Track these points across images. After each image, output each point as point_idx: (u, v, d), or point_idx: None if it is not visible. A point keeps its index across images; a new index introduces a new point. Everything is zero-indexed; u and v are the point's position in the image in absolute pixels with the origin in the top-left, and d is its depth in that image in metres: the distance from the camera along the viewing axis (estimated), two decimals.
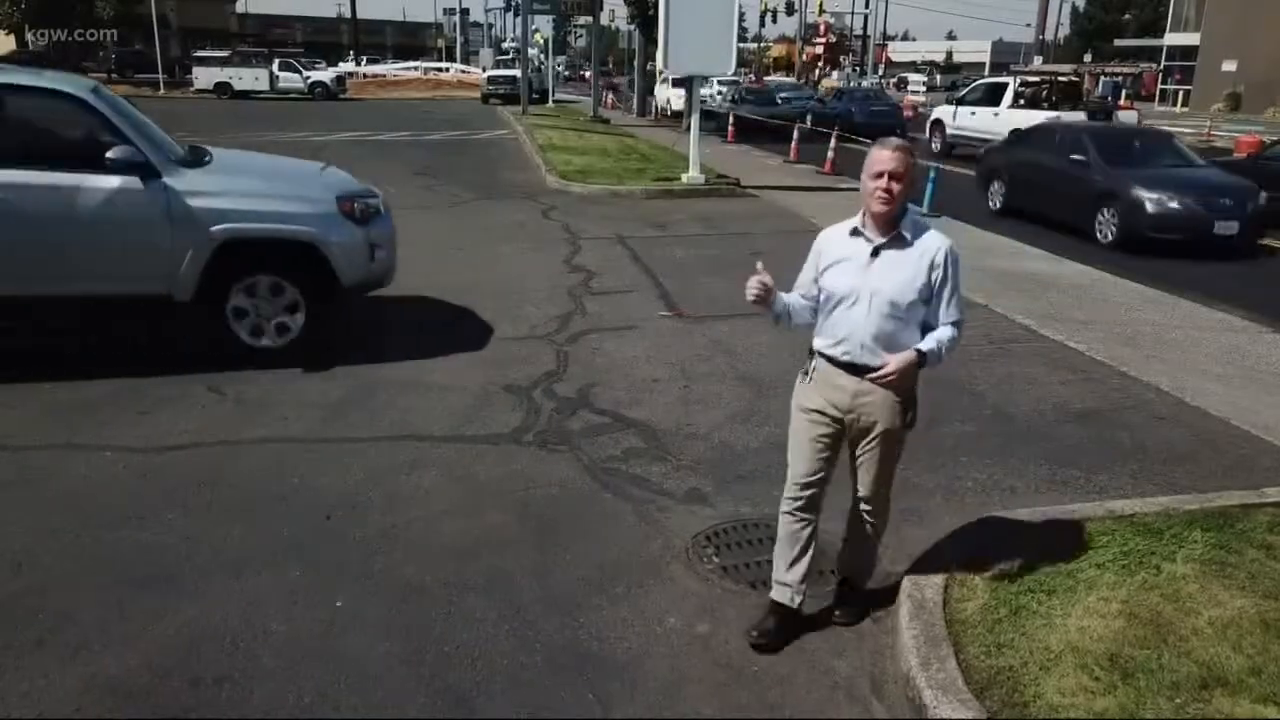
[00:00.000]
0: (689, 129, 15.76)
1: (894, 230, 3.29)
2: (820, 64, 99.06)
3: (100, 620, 3.60)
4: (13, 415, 5.53)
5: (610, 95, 43.50)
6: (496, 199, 14.46)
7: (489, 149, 21.32)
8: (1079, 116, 19.15)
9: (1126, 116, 19.46)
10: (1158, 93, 48.57)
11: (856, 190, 13.90)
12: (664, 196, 14.74)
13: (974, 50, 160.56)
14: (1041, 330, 7.82)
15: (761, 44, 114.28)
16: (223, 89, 44.44)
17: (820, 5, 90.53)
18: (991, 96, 21.49)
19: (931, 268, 3.26)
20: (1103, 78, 42.84)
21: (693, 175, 15.39)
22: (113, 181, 5.91)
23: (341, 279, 6.44)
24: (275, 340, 6.46)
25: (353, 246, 6.45)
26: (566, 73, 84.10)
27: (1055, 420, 5.87)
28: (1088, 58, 68.97)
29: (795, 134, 20.87)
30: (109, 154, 5.82)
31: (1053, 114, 19.15)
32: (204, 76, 44.68)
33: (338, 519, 4.43)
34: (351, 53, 77.29)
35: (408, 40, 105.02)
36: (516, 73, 39.91)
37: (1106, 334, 7.77)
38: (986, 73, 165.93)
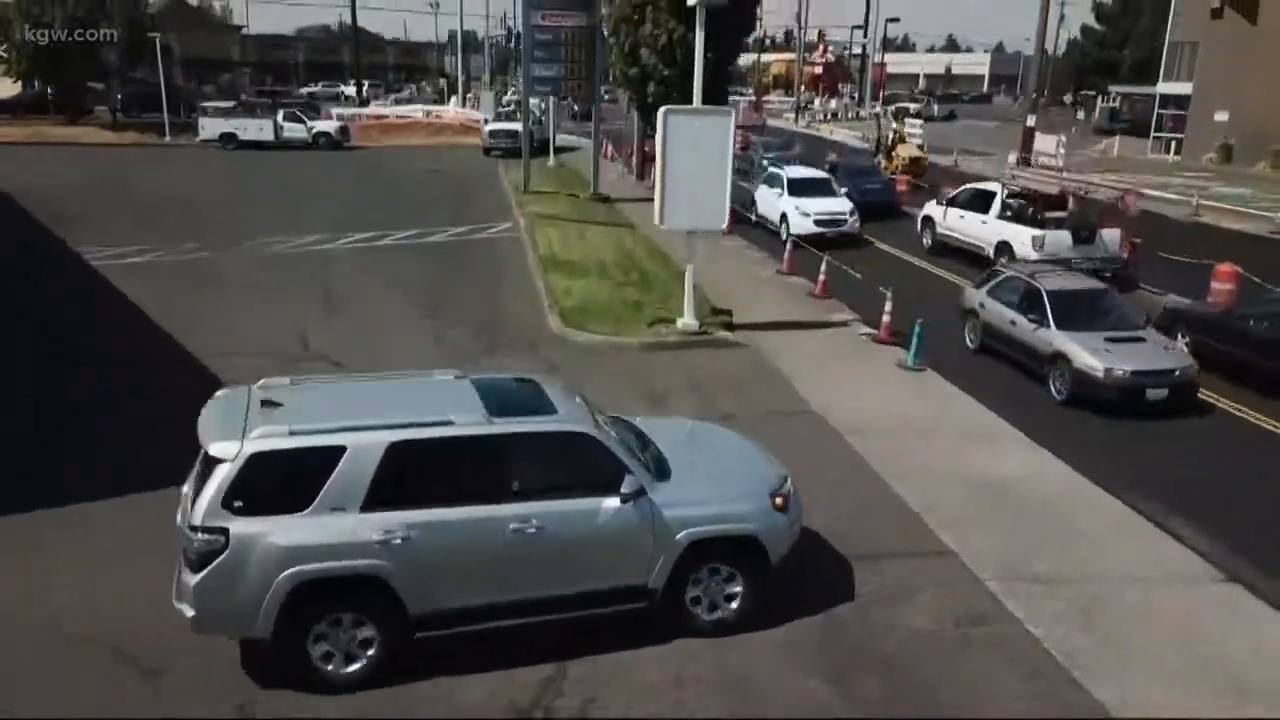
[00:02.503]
0: (688, 268, 16.23)
1: None
2: (821, 86, 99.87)
3: None
4: None
5: (610, 145, 43.92)
6: (502, 351, 15.02)
7: (492, 259, 21.78)
8: (1064, 235, 19.82)
9: (1109, 235, 20.05)
10: (1150, 141, 49.09)
11: (847, 325, 14.68)
12: (660, 349, 15.37)
13: (973, 63, 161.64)
14: (1007, 602, 8.39)
15: (761, 62, 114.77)
16: (228, 139, 45.08)
17: (820, 33, 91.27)
18: (980, 203, 22.10)
19: None
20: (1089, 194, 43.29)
21: (687, 321, 16.00)
22: (616, 502, 7.35)
23: (771, 559, 7.88)
24: (720, 613, 7.82)
25: (781, 533, 7.95)
26: (576, 107, 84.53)
27: None
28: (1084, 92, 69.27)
29: (788, 246, 21.47)
30: (623, 489, 7.29)
31: (1038, 231, 19.84)
32: (210, 127, 45.31)
33: None
34: (353, 81, 77.94)
35: (409, 60, 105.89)
36: (518, 126, 40.38)
37: (1068, 604, 8.34)
38: (985, 86, 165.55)
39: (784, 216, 24.41)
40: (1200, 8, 45.59)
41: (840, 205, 24.77)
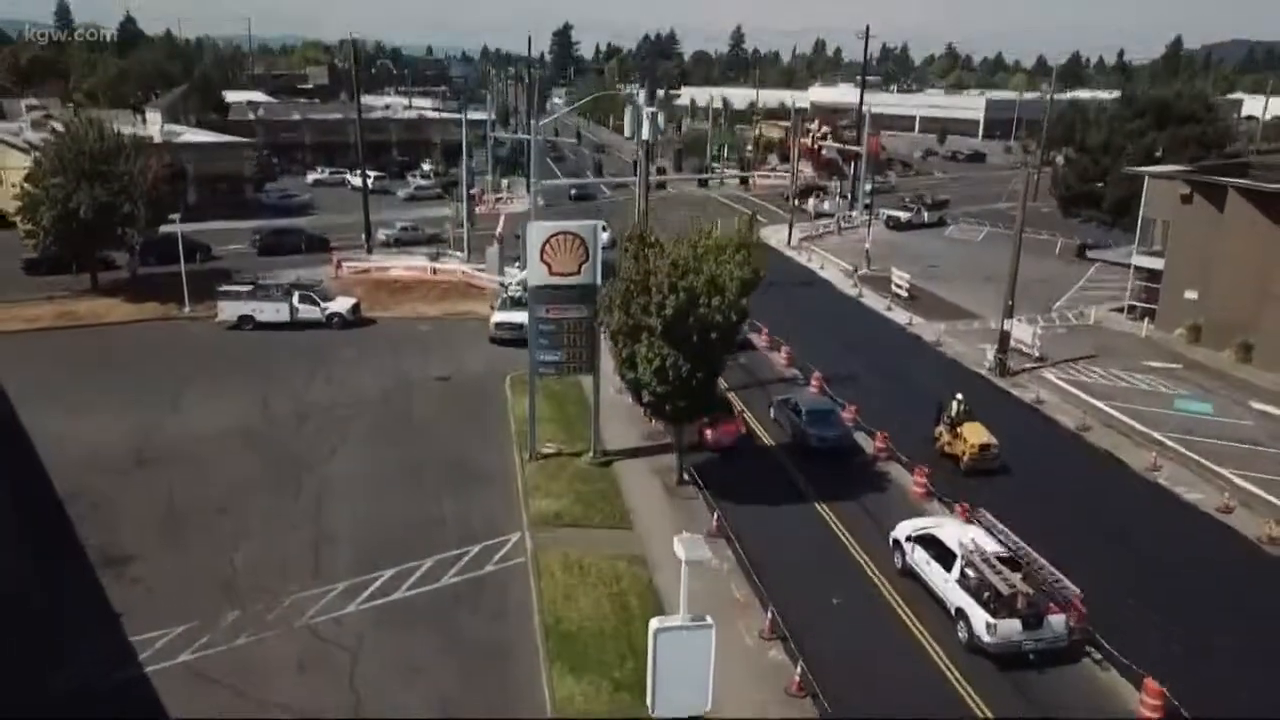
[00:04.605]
0: None
1: None
2: (816, 161, 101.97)
3: None
4: None
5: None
6: None
7: (503, 635, 23.40)
8: (1014, 624, 22.12)
9: (1056, 620, 22.34)
10: (1126, 308, 51.24)
11: None
12: None
13: (967, 107, 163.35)
14: None
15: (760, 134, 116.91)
16: (245, 320, 47.47)
17: (813, 134, 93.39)
18: (943, 557, 24.44)
19: None
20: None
21: None
22: None
23: None
24: None
25: None
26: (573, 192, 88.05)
27: None
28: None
29: (770, 612, 23.75)
30: None
31: (991, 620, 22.11)
32: (228, 309, 47.61)
33: None
34: (358, 171, 79.86)
35: (411, 135, 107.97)
36: (524, 319, 42.61)
37: None
38: (979, 137, 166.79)
39: None
40: (1171, 189, 47.74)
41: None
